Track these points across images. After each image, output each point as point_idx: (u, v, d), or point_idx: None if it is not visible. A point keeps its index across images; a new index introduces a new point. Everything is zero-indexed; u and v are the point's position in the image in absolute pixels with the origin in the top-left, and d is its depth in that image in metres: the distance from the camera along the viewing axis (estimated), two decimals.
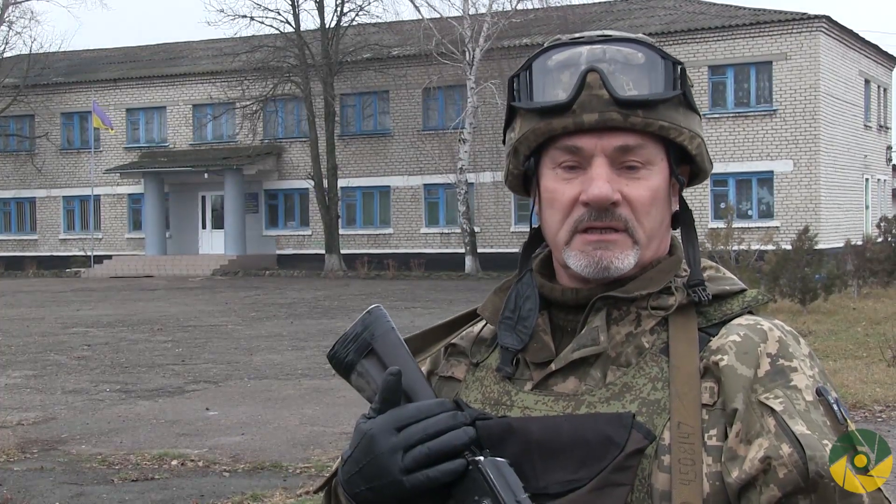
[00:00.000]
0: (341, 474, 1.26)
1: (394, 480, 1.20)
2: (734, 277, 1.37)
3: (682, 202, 1.39)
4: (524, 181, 1.41)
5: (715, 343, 1.27)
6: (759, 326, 1.28)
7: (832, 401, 1.23)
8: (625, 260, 1.29)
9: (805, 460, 1.16)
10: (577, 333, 1.32)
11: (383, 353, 1.30)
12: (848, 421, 1.22)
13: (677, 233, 1.40)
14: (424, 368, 1.44)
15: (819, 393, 1.23)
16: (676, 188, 1.37)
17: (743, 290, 1.34)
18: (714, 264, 1.38)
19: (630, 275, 1.32)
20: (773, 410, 1.20)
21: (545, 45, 1.34)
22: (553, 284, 1.37)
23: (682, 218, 1.39)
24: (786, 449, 1.18)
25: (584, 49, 1.30)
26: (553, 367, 1.31)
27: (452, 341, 1.44)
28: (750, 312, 1.33)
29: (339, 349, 1.33)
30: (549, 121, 1.29)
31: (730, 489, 1.20)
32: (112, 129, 39.02)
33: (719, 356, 1.25)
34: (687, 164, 1.37)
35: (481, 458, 1.20)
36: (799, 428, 1.19)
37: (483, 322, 1.44)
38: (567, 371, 1.31)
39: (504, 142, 1.40)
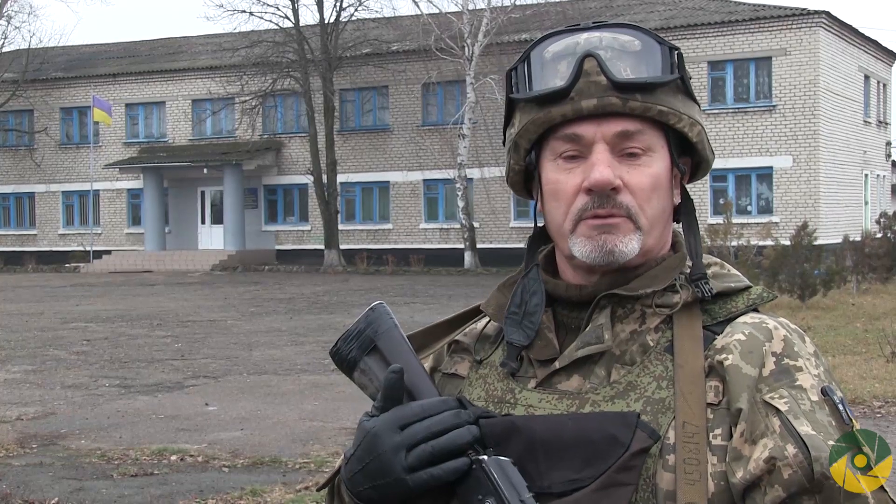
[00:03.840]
0: (344, 473, 1.26)
1: (397, 479, 1.20)
2: (739, 274, 1.35)
3: (685, 192, 1.38)
4: (525, 179, 1.40)
5: (720, 342, 1.26)
6: (764, 325, 1.27)
7: (837, 401, 1.22)
8: (629, 244, 1.28)
9: (810, 461, 1.16)
10: (582, 331, 1.31)
11: (386, 350, 1.30)
12: (853, 421, 1.21)
13: (679, 227, 1.39)
14: (427, 365, 1.43)
15: (824, 392, 1.22)
16: (678, 178, 1.36)
17: (748, 288, 1.33)
18: (719, 261, 1.37)
19: (634, 264, 1.31)
20: (777, 410, 1.19)
21: (541, 35, 1.33)
22: (557, 281, 1.36)
23: (684, 208, 1.38)
24: (791, 449, 1.17)
25: (581, 37, 1.29)
26: (557, 364, 1.30)
27: (456, 338, 1.44)
28: (755, 310, 1.32)
29: (342, 346, 1.32)
30: (549, 110, 1.28)
31: (734, 489, 1.19)
32: (109, 121, 38.73)
33: (724, 355, 1.24)
34: (688, 155, 1.36)
35: (485, 456, 1.20)
36: (804, 428, 1.18)
37: (486, 319, 1.43)
38: (571, 369, 1.30)
39: (504, 141, 1.39)
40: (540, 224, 1.40)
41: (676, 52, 1.30)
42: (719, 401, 1.23)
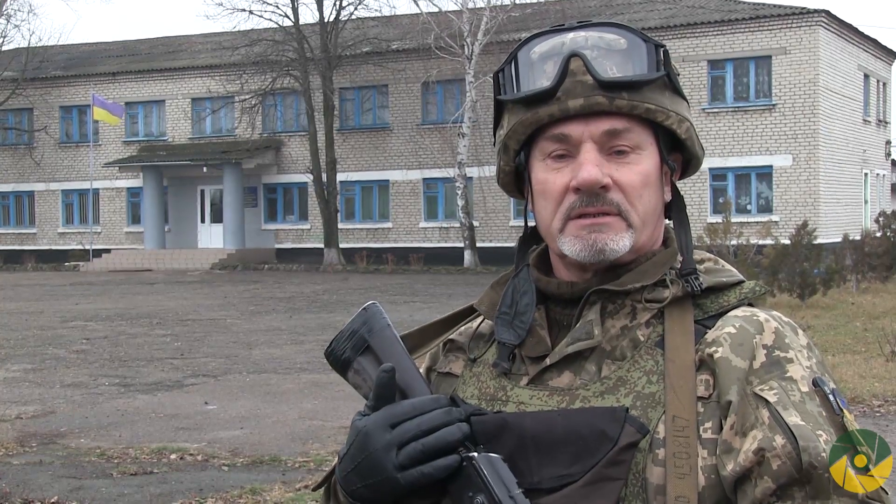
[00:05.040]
0: (338, 472, 1.27)
1: (388, 477, 1.20)
2: (733, 269, 1.36)
3: (675, 189, 1.38)
4: (516, 179, 1.40)
5: (710, 335, 1.26)
6: (755, 318, 1.27)
7: (828, 391, 1.22)
8: (620, 242, 1.28)
9: (798, 451, 1.16)
10: (572, 327, 1.32)
11: (379, 349, 1.30)
12: (844, 411, 1.21)
13: (671, 224, 1.40)
14: (423, 364, 1.44)
15: (815, 384, 1.22)
16: (668, 176, 1.36)
17: (740, 282, 1.33)
18: (713, 256, 1.37)
19: (625, 261, 1.31)
20: (767, 402, 1.20)
21: (527, 36, 1.33)
22: (549, 278, 1.37)
23: (675, 205, 1.38)
24: (779, 440, 1.17)
25: (567, 37, 1.30)
26: (548, 361, 1.31)
27: (451, 337, 1.44)
28: (750, 304, 1.32)
29: (336, 346, 1.33)
30: (536, 110, 1.29)
31: (725, 482, 1.19)
32: (119, 120, 38.68)
33: (714, 348, 1.24)
34: (678, 152, 1.37)
35: (475, 453, 1.20)
36: (793, 419, 1.18)
37: (481, 318, 1.43)
38: (562, 365, 1.30)
39: (494, 143, 1.39)
40: (532, 224, 1.41)
41: (662, 49, 1.30)
42: (710, 394, 1.23)
